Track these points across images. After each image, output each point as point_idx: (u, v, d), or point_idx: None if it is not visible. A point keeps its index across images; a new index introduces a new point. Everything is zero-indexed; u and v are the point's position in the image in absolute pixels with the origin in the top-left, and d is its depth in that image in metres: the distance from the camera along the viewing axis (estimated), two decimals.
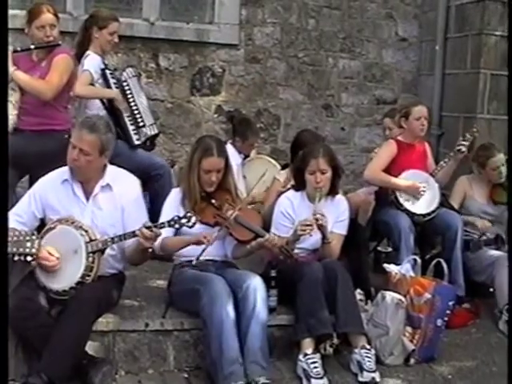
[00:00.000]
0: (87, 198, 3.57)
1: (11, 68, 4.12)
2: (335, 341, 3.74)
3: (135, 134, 4.69)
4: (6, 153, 2.71)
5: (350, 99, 6.71)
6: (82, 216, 3.51)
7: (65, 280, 3.37)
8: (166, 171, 4.74)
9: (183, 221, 3.38)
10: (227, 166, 3.87)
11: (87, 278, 3.38)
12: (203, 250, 3.59)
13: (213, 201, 3.83)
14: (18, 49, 4.28)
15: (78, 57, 4.66)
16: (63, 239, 3.40)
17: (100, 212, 3.56)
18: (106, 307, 3.56)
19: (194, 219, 3.39)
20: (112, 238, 3.41)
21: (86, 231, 3.41)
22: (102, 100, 4.66)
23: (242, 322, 3.50)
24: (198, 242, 3.58)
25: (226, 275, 3.66)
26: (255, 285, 3.56)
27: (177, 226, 3.39)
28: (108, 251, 3.50)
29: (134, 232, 3.37)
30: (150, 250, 3.50)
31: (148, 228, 3.33)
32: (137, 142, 4.69)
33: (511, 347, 3.37)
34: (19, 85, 4.22)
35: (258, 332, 3.48)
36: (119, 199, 3.58)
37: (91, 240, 3.39)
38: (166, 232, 3.61)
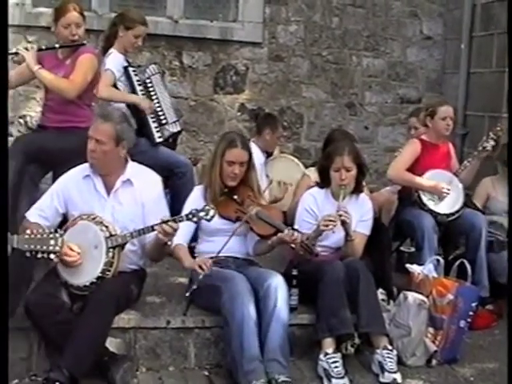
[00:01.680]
0: (108, 193, 3.59)
1: (35, 66, 4.14)
2: (356, 341, 3.71)
3: (157, 131, 4.67)
4: (5, 152, 2.72)
5: (373, 98, 6.67)
6: (103, 211, 3.52)
7: (85, 275, 3.38)
8: (188, 169, 4.72)
9: (201, 214, 3.37)
10: (250, 161, 3.86)
11: (107, 273, 3.39)
12: (223, 246, 3.60)
13: (235, 196, 3.83)
14: (43, 47, 4.31)
15: (104, 51, 4.67)
16: (84, 235, 3.42)
17: (120, 207, 3.57)
18: (125, 303, 3.56)
19: (212, 212, 3.37)
20: (131, 233, 3.42)
21: (107, 226, 3.42)
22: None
23: (262, 321, 3.48)
24: (195, 268, 3.56)
25: (247, 273, 3.65)
26: (277, 283, 3.55)
27: (195, 219, 3.38)
28: (129, 246, 3.51)
29: (152, 226, 3.37)
30: (168, 243, 3.49)
31: (166, 222, 3.32)
32: (158, 140, 4.67)
33: (511, 347, 3.31)
34: (43, 82, 4.24)
35: (278, 331, 3.46)
36: (140, 195, 3.59)
37: (111, 235, 3.40)
38: (180, 238, 3.63)
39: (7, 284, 2.66)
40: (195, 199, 3.82)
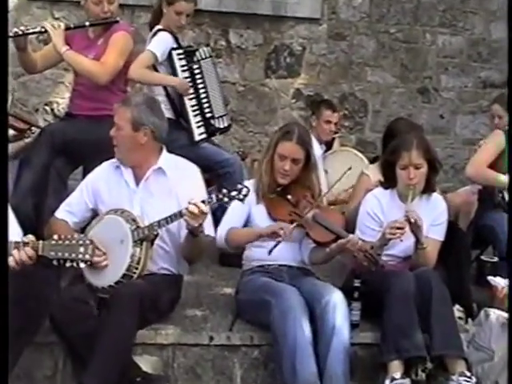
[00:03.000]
0: (137, 184, 3.65)
1: (63, 47, 4.21)
2: (428, 365, 3.67)
3: (199, 126, 4.67)
4: (5, 150, 2.78)
5: (450, 82, 6.60)
6: (131, 203, 3.59)
7: (110, 274, 3.43)
8: (236, 168, 4.70)
9: (233, 193, 3.38)
10: (309, 160, 3.87)
11: (134, 271, 3.42)
12: (277, 243, 3.60)
13: (289, 196, 3.83)
14: (71, 26, 4.36)
15: (150, 29, 4.72)
16: (109, 229, 3.48)
17: (151, 199, 3.62)
18: (152, 311, 3.55)
19: (245, 191, 3.38)
20: (158, 222, 3.44)
21: (134, 220, 3.48)
22: (164, 87, 4.68)
23: (320, 342, 3.48)
24: (272, 235, 3.59)
25: (301, 286, 3.65)
26: (335, 301, 3.54)
27: (226, 199, 3.38)
28: (160, 244, 3.56)
29: (180, 212, 3.39)
30: (201, 231, 3.49)
31: (194, 204, 3.34)
32: (199, 138, 4.66)
33: (511, 347, 3.35)
34: (71, 66, 4.31)
35: (339, 354, 3.45)
36: (174, 185, 3.62)
37: (138, 227, 3.45)
38: (234, 222, 3.66)
39: (7, 284, 2.71)
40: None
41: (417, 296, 3.68)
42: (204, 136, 4.69)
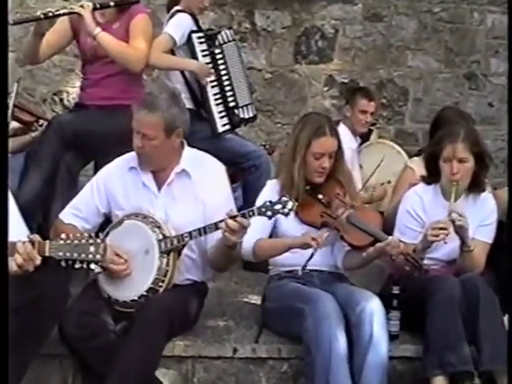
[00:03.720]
0: (159, 188, 3.62)
1: (96, 29, 4.21)
2: (476, 381, 3.62)
3: (222, 117, 4.67)
4: (5, 149, 2.78)
5: (500, 66, 6.55)
6: (153, 210, 3.56)
7: (133, 287, 3.43)
8: (262, 161, 4.70)
9: (277, 207, 3.35)
10: (340, 149, 3.85)
11: (161, 284, 3.43)
12: (311, 256, 3.55)
13: (320, 196, 3.80)
14: (97, 5, 4.33)
15: (168, 10, 4.74)
16: (132, 237, 3.46)
17: (175, 205, 3.59)
18: (180, 325, 3.57)
19: (290, 204, 3.35)
20: (190, 233, 3.43)
21: (159, 227, 3.46)
22: (182, 73, 4.69)
23: (355, 354, 3.47)
24: (304, 245, 3.56)
25: (334, 292, 3.63)
26: (372, 308, 3.51)
27: (269, 213, 3.36)
28: (186, 252, 3.54)
29: (216, 224, 3.38)
30: (237, 247, 3.49)
31: (233, 218, 3.33)
32: (222, 129, 4.66)
33: (511, 347, 3.36)
34: (106, 50, 4.28)
35: (376, 368, 3.43)
36: (199, 189, 3.60)
37: (165, 237, 3.44)
38: (260, 233, 3.63)
39: (7, 285, 2.71)
40: (268, 198, 3.82)
41: (463, 304, 3.64)
42: (227, 127, 4.69)
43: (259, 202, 3.77)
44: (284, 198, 3.37)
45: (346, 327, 3.48)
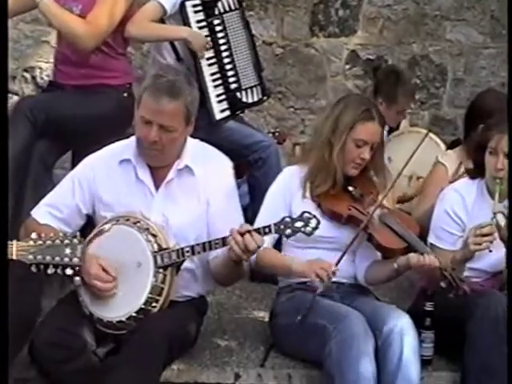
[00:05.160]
0: (157, 187, 3.62)
1: None
2: None
3: (220, 101, 4.67)
4: (6, 146, 2.80)
5: None
6: (149, 213, 3.56)
7: (121, 306, 3.42)
8: (271, 153, 4.72)
9: (298, 224, 3.36)
10: (381, 143, 3.89)
11: (154, 304, 3.42)
12: (339, 259, 3.61)
13: (350, 188, 3.82)
14: None
15: None
16: (121, 246, 3.46)
17: (175, 207, 3.59)
18: (179, 350, 3.59)
19: (314, 222, 3.36)
20: (192, 247, 3.42)
21: (155, 235, 3.46)
22: (173, 46, 4.69)
23: (382, 380, 3.49)
24: (311, 275, 3.55)
25: (357, 308, 3.65)
26: (402, 327, 3.53)
27: (288, 231, 3.36)
28: (187, 265, 3.53)
29: (224, 239, 3.38)
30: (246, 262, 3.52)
31: (245, 234, 3.34)
32: (219, 116, 4.66)
33: (511, 347, 3.40)
34: (50, 22, 4.29)
35: None
36: (204, 188, 3.61)
37: (161, 249, 3.44)
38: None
39: (6, 286, 2.73)
40: (283, 189, 3.85)
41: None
42: (227, 114, 4.70)
43: (270, 194, 3.84)
44: (307, 215, 3.38)
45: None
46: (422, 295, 3.89)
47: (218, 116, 4.66)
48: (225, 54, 4.71)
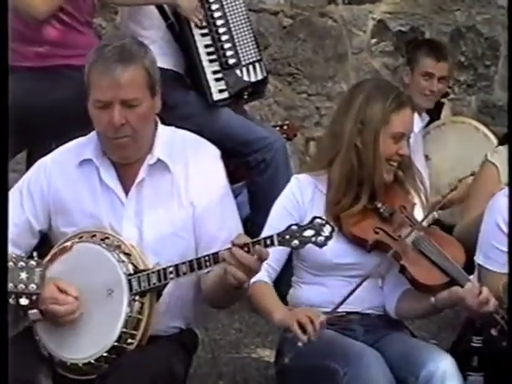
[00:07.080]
0: (126, 192, 3.62)
1: None
2: None
3: (218, 79, 4.73)
4: (6, 148, 2.83)
5: None
6: (119, 224, 3.57)
7: (89, 344, 3.41)
8: (276, 153, 4.75)
9: (307, 233, 3.34)
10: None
11: (130, 340, 3.41)
12: (350, 293, 3.62)
13: (379, 205, 3.83)
14: None
15: None
16: (87, 269, 3.46)
17: (151, 214, 3.59)
18: None
19: (328, 230, 3.34)
20: (176, 267, 3.39)
21: (129, 254, 3.46)
22: (161, 11, 4.74)
23: None
24: (288, 325, 3.52)
25: (385, 346, 3.68)
26: (444, 371, 3.52)
27: (295, 242, 3.34)
28: (170, 289, 3.48)
29: (214, 255, 3.37)
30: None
31: (244, 247, 3.32)
32: (219, 96, 4.72)
33: (511, 347, 3.38)
34: None
35: None
36: (185, 188, 3.59)
37: (137, 271, 3.44)
38: (261, 270, 3.48)
39: (6, 287, 2.76)
40: (295, 197, 3.85)
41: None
42: (226, 95, 4.74)
43: (280, 203, 3.83)
44: (318, 221, 3.33)
45: None
46: (467, 328, 3.91)
47: (216, 97, 4.72)
48: (219, 22, 4.78)
